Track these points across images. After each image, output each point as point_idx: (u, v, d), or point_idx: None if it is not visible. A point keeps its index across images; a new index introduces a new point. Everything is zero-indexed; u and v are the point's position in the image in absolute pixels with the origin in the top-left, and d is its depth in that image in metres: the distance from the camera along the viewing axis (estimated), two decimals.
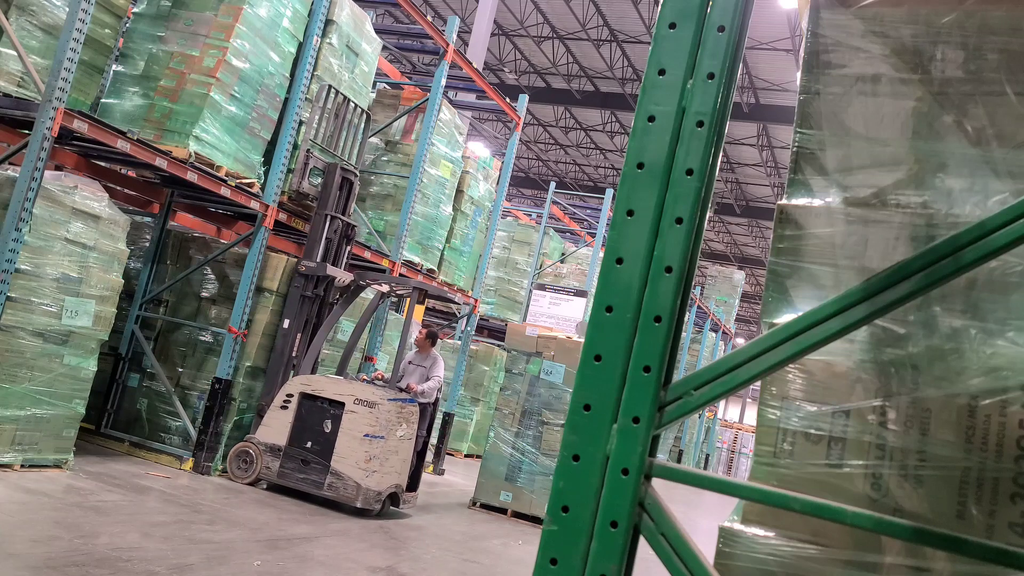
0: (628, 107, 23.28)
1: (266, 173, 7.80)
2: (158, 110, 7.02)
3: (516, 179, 31.95)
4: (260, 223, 7.64)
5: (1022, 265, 1.28)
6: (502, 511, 8.84)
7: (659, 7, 1.38)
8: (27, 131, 5.88)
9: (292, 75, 7.89)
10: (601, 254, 13.55)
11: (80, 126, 5.79)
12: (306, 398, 7.21)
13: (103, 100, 7.32)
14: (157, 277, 8.20)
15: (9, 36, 5.98)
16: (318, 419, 7.14)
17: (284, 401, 7.26)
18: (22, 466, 5.85)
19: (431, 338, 8.26)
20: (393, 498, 7.34)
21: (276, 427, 7.21)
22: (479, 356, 15.13)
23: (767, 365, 1.20)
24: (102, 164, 7.46)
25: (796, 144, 1.50)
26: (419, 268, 10.45)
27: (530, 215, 19.32)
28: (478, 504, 8.99)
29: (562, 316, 15.22)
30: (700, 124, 1.31)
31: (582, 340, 1.95)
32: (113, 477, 6.40)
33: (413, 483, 7.64)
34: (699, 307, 20.72)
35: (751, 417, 39.24)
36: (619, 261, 1.31)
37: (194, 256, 8.15)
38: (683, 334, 1.35)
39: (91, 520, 4.97)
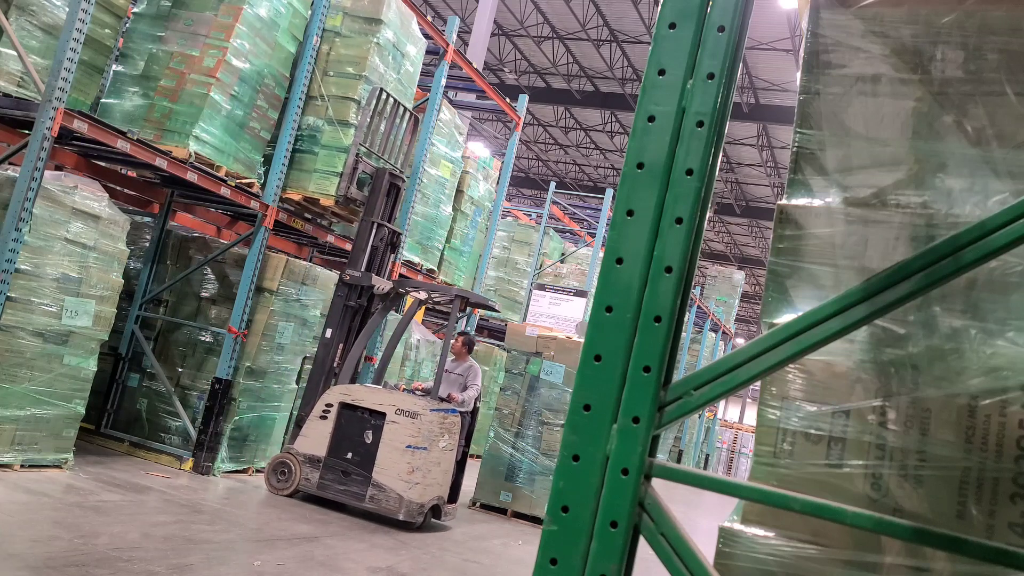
0: (628, 107, 23.28)
1: (266, 173, 7.80)
2: (158, 110, 7.02)
3: (516, 179, 31.95)
4: (260, 223, 7.64)
5: (1022, 265, 1.28)
6: (502, 511, 8.84)
7: (659, 7, 1.38)
8: (27, 131, 5.88)
9: (292, 75, 7.88)
10: (601, 254, 13.55)
11: (80, 126, 5.79)
12: (346, 408, 7.07)
13: (103, 100, 7.32)
14: (157, 277, 8.20)
15: (9, 36, 5.98)
16: (358, 430, 6.99)
17: (323, 411, 7.11)
18: (22, 466, 5.85)
19: (468, 346, 8.07)
20: (435, 510, 7.19)
21: (315, 438, 7.06)
22: (479, 356, 15.12)
23: (767, 365, 1.20)
24: (102, 164, 7.46)
25: (796, 144, 1.50)
26: (419, 268, 10.45)
27: (530, 215, 19.31)
28: (478, 504, 8.99)
29: (562, 316, 15.21)
30: (700, 124, 1.31)
31: (582, 340, 1.95)
32: (113, 477, 6.40)
33: (453, 494, 7.50)
34: (699, 307, 20.71)
35: (751, 417, 39.24)
36: (619, 261, 1.31)
37: (194, 256, 8.15)
38: (683, 334, 1.35)
39: (91, 520, 4.97)
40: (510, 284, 16.30)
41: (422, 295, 7.86)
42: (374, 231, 7.70)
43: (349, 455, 6.98)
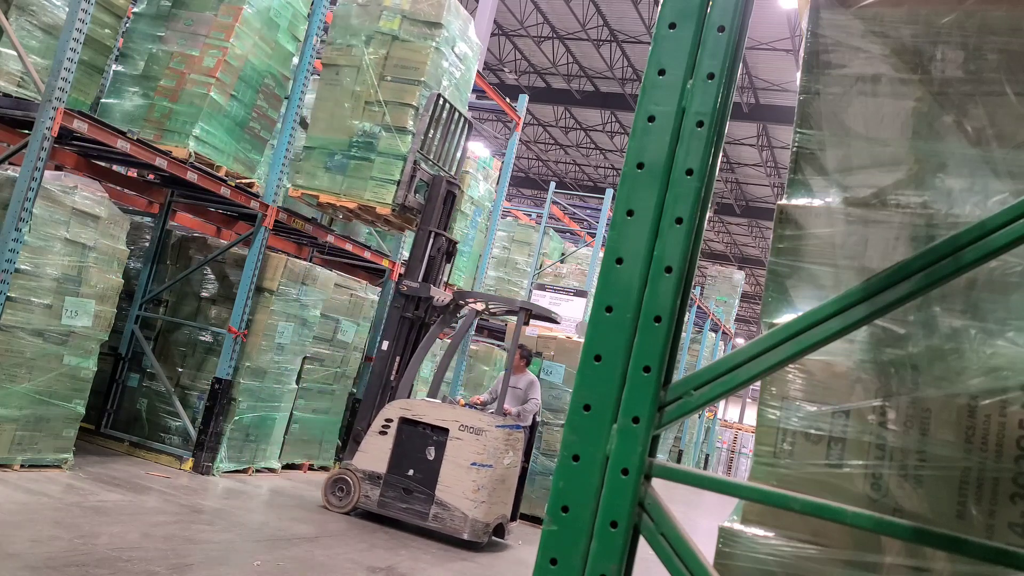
0: (628, 107, 23.28)
1: (266, 173, 7.80)
2: (158, 110, 7.02)
3: (516, 179, 31.94)
4: (260, 223, 7.64)
5: (1022, 265, 1.28)
6: None
7: (659, 7, 1.38)
8: (27, 131, 5.88)
9: (292, 75, 7.89)
10: (601, 254, 13.55)
11: (80, 126, 5.79)
12: (406, 423, 6.87)
13: (103, 100, 7.32)
14: (157, 277, 8.20)
15: (9, 36, 5.98)
16: (420, 446, 6.80)
17: (383, 426, 6.90)
18: (22, 466, 5.85)
19: (526, 359, 7.94)
20: (498, 529, 7.01)
21: (374, 453, 6.87)
22: (479, 356, 15.11)
23: (767, 365, 1.20)
24: (102, 164, 7.46)
25: (796, 144, 1.50)
26: None
27: (530, 215, 19.31)
28: None
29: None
30: (700, 124, 1.31)
31: (582, 340, 1.95)
32: (113, 477, 6.40)
33: (515, 511, 7.33)
34: (699, 307, 20.72)
35: (751, 417, 39.24)
36: (619, 261, 1.31)
37: (194, 256, 8.15)
38: (683, 334, 1.35)
39: (91, 520, 4.97)
40: (510, 284, 16.30)
41: (480, 306, 7.61)
42: (432, 240, 7.47)
43: (411, 472, 6.77)
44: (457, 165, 8.18)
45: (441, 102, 7.68)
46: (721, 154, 2.01)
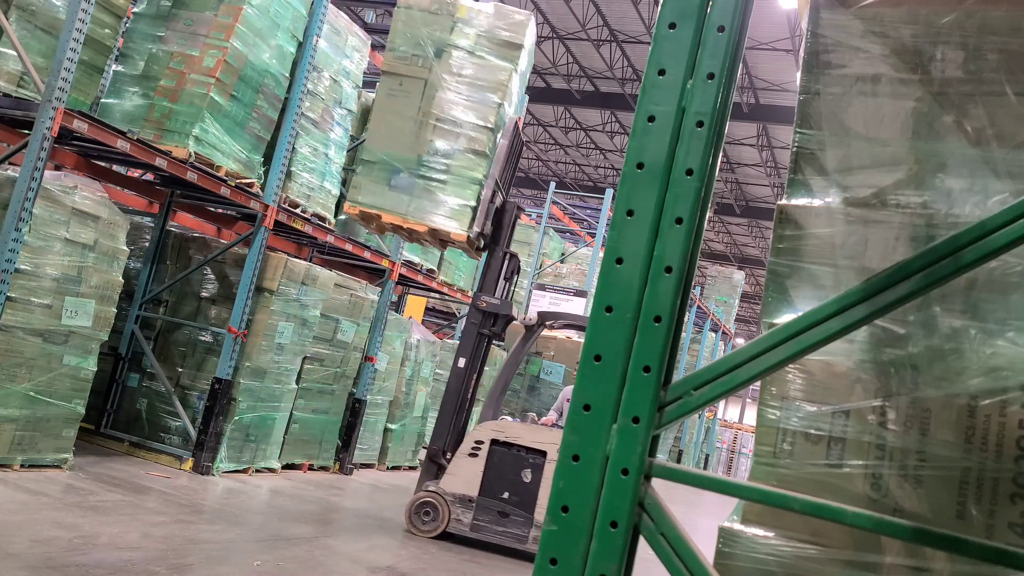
0: (628, 107, 23.27)
1: (266, 173, 7.80)
2: (158, 110, 7.02)
3: (516, 179, 31.89)
4: (260, 223, 7.64)
5: (1022, 265, 1.28)
6: None
7: (659, 7, 1.38)
8: (27, 131, 5.88)
9: (292, 75, 7.88)
10: (601, 254, 13.55)
11: (80, 126, 5.79)
12: (497, 445, 6.77)
13: (103, 100, 7.32)
14: (157, 277, 8.20)
15: (9, 36, 5.98)
16: (515, 468, 6.71)
17: (473, 448, 6.82)
18: (22, 466, 5.85)
19: None
20: None
21: (464, 476, 6.76)
22: None
23: (767, 365, 1.20)
24: (102, 164, 7.46)
25: (796, 144, 1.50)
26: (419, 268, 10.45)
27: (530, 215, 19.31)
28: None
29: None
30: (700, 124, 1.31)
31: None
32: (113, 477, 6.40)
33: None
34: (699, 307, 20.72)
35: (751, 417, 39.23)
36: (619, 261, 1.31)
37: (194, 256, 8.15)
38: (683, 334, 1.35)
39: (91, 520, 4.97)
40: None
41: (558, 325, 7.45)
42: (506, 262, 7.35)
43: (506, 495, 6.72)
44: (511, 185, 7.88)
45: (519, 128, 7.37)
46: (721, 154, 2.01)
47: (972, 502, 1.24)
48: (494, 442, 6.80)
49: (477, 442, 6.84)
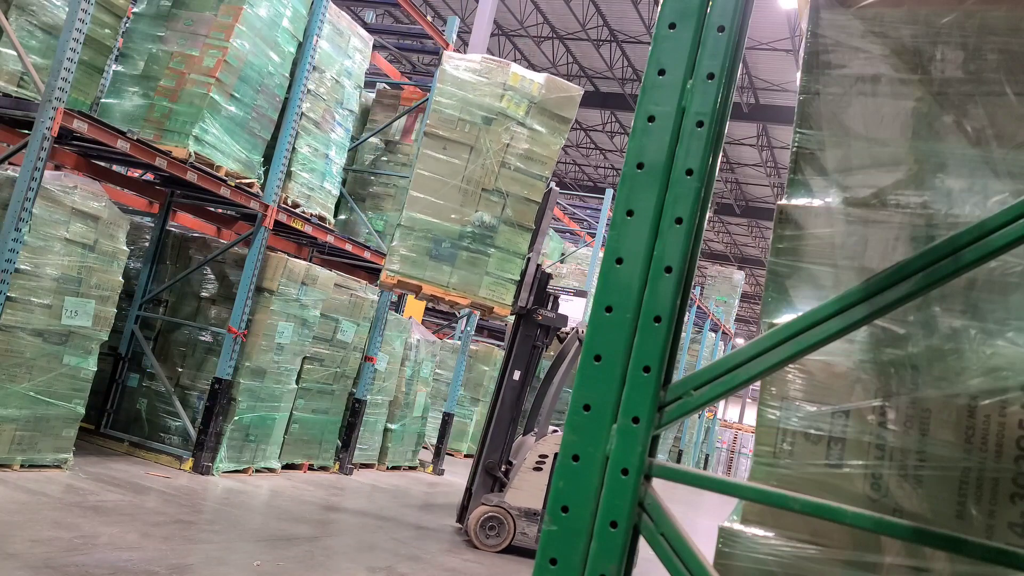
0: (628, 107, 23.28)
1: (266, 173, 7.80)
2: (158, 110, 7.02)
3: None
4: (260, 223, 7.64)
5: (1022, 265, 1.28)
6: None
7: (659, 7, 1.38)
8: (27, 131, 5.88)
9: (292, 75, 7.88)
10: (601, 254, 13.53)
11: (80, 126, 5.79)
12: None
13: (103, 100, 7.32)
14: (157, 277, 8.20)
15: (9, 36, 5.98)
16: None
17: (538, 463, 6.94)
18: (22, 466, 5.85)
19: None
20: None
21: (529, 490, 6.90)
22: (479, 356, 15.14)
23: (767, 365, 1.20)
24: (102, 164, 7.46)
25: (796, 144, 1.50)
26: None
27: None
28: None
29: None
30: (700, 124, 1.31)
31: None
32: (113, 477, 6.40)
33: None
34: (699, 307, 20.71)
35: (751, 417, 39.23)
36: (619, 261, 1.31)
37: (194, 256, 8.15)
38: (683, 334, 1.35)
39: (91, 520, 4.97)
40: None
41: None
42: (539, 273, 7.31)
43: None
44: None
45: (553, 197, 7.36)
46: (721, 154, 2.01)
47: (972, 502, 1.24)
48: (557, 456, 6.86)
49: (541, 456, 6.97)
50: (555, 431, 7.36)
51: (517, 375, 7.18)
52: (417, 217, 6.92)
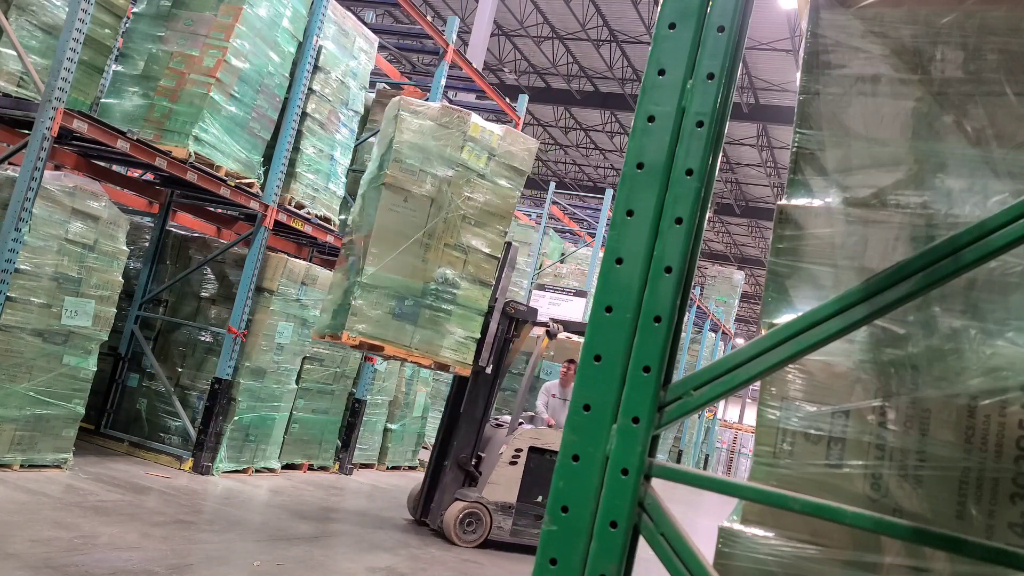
0: (628, 107, 23.28)
1: (266, 173, 7.80)
2: (158, 110, 7.02)
3: None
4: (260, 223, 7.64)
5: (1022, 265, 1.28)
6: None
7: (659, 7, 1.38)
8: (27, 131, 5.88)
9: (292, 75, 7.88)
10: (601, 254, 13.54)
11: (80, 126, 5.79)
12: (533, 452, 7.00)
13: (103, 100, 7.32)
14: (157, 277, 8.20)
15: (9, 36, 5.98)
16: (549, 472, 6.84)
17: (513, 457, 6.97)
18: (22, 466, 5.85)
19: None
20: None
21: (506, 484, 6.94)
22: None
23: (767, 365, 1.20)
24: (102, 164, 7.46)
25: (796, 144, 1.50)
26: None
27: (530, 215, 19.31)
28: None
29: (562, 316, 15.20)
30: (700, 124, 1.31)
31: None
32: (113, 477, 6.40)
33: None
34: (699, 307, 20.72)
35: (751, 417, 39.22)
36: (619, 261, 1.31)
37: (194, 256, 8.15)
38: (683, 334, 1.35)
39: (91, 520, 4.97)
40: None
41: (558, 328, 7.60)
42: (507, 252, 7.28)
43: (540, 498, 6.93)
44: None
45: (513, 253, 7.32)
46: (721, 154, 2.01)
47: (972, 502, 1.24)
48: (531, 449, 7.02)
49: (517, 450, 7.01)
50: (522, 423, 7.45)
51: (490, 369, 7.12)
52: (383, 275, 6.49)
